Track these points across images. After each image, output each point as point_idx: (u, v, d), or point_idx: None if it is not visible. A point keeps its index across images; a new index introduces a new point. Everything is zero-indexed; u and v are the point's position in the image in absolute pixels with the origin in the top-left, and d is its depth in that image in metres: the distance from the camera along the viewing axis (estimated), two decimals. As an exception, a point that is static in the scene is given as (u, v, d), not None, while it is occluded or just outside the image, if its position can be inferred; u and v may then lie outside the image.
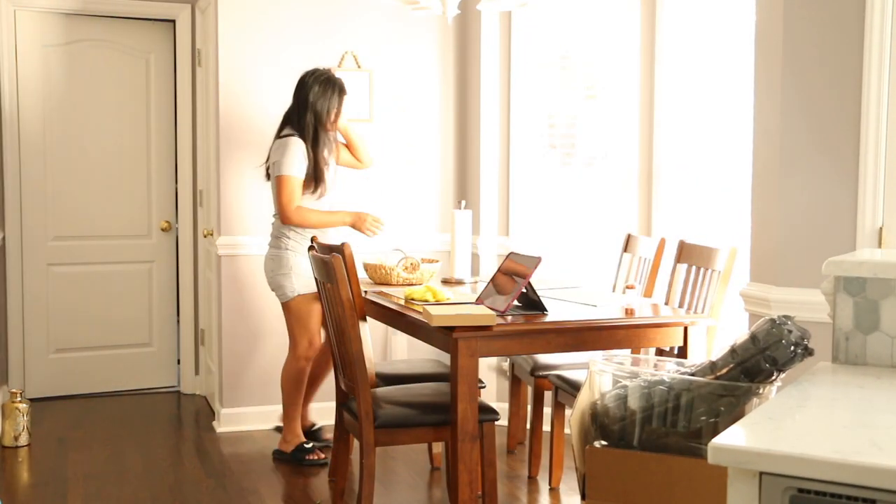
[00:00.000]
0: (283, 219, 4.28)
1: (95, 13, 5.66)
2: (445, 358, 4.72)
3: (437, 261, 4.45)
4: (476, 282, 4.39)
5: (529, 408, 4.52)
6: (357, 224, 4.33)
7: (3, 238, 5.43)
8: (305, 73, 4.38)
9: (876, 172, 3.13)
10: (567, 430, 3.89)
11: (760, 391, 2.25)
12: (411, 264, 4.25)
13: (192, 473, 4.33)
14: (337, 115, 4.34)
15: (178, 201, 5.91)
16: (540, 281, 4.23)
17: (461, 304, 3.54)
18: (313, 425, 4.73)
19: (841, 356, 2.07)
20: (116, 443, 4.80)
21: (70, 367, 5.73)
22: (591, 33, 4.98)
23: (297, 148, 4.24)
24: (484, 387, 4.41)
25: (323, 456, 4.47)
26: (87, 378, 5.78)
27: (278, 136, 4.34)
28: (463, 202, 4.61)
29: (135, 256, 5.88)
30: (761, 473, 1.47)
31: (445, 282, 4.43)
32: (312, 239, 4.19)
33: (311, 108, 4.28)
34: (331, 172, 4.40)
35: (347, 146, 4.56)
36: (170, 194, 5.95)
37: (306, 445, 4.45)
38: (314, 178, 4.28)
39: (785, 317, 2.26)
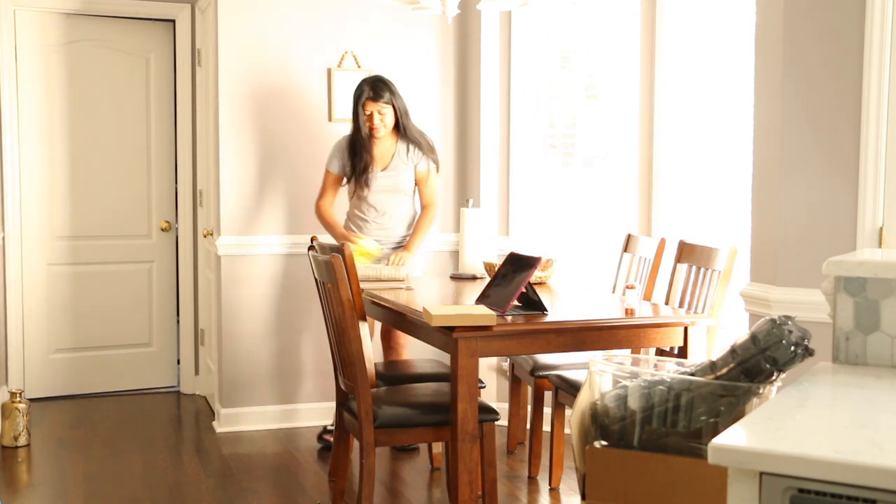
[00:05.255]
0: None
1: (95, 13, 5.66)
2: (445, 358, 4.72)
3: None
4: (483, 277, 4.41)
5: (529, 408, 4.51)
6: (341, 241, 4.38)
7: (3, 238, 5.43)
8: None
9: (876, 172, 3.12)
10: (567, 430, 3.89)
11: (760, 391, 2.25)
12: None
13: (192, 473, 4.33)
14: (360, 119, 4.49)
15: (178, 201, 5.91)
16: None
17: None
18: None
19: (841, 356, 2.07)
20: (116, 443, 4.80)
21: (70, 367, 5.73)
22: (591, 33, 4.98)
23: (335, 146, 4.63)
24: (484, 387, 4.41)
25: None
26: (87, 378, 5.78)
27: None
28: (471, 200, 4.66)
29: (135, 256, 5.88)
30: (761, 473, 1.47)
31: (454, 278, 4.46)
32: (312, 238, 4.21)
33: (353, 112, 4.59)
34: (373, 177, 4.54)
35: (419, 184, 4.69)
36: (170, 194, 5.95)
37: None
38: (349, 177, 4.59)
39: (785, 317, 2.26)
